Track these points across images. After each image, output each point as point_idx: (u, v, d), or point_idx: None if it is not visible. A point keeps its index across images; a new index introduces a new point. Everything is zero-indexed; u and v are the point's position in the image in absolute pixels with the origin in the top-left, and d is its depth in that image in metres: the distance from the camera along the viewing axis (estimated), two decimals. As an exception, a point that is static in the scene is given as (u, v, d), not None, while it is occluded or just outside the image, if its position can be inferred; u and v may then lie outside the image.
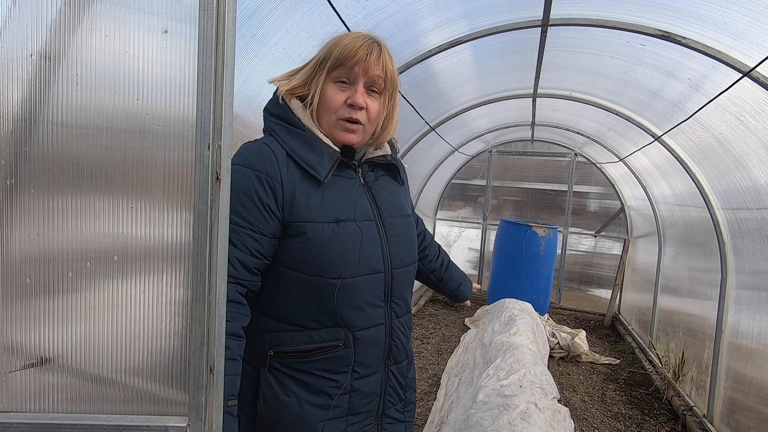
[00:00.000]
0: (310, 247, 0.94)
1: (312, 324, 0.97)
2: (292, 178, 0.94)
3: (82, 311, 0.66)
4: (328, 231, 0.94)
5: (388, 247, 1.03)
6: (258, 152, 0.94)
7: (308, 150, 0.96)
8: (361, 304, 0.99)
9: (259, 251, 0.93)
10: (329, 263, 0.94)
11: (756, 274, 2.55)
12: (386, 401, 1.08)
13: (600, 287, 5.46)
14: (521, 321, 3.57)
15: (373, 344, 1.02)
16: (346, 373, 0.99)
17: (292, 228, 0.94)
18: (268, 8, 1.64)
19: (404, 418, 1.14)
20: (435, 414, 2.86)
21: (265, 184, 0.92)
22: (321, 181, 0.95)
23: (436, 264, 1.40)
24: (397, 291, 1.05)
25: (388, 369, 1.07)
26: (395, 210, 1.08)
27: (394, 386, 1.09)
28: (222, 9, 0.61)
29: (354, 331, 0.99)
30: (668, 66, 2.50)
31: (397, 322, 1.07)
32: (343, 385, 1.00)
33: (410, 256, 1.11)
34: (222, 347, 0.67)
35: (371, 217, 1.01)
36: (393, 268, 1.04)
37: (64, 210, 0.64)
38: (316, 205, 0.95)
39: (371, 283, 1.00)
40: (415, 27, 2.38)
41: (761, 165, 2.30)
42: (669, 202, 3.91)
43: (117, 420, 0.66)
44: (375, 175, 1.09)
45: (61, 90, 0.63)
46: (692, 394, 3.19)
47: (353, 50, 0.95)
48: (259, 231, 0.92)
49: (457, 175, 5.98)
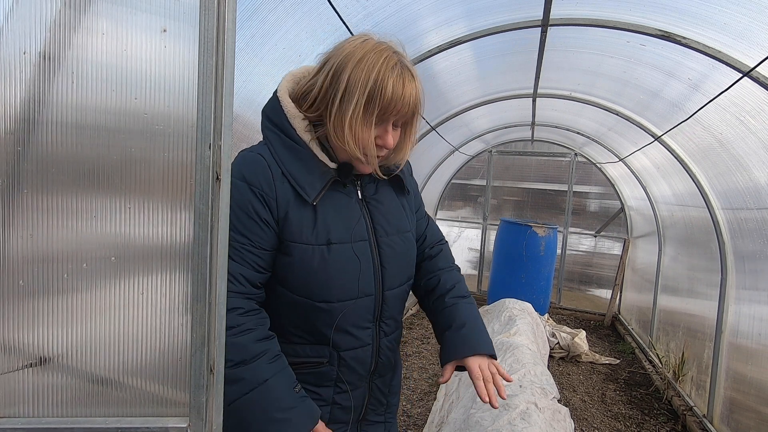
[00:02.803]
0: (298, 269, 0.91)
1: (296, 339, 0.97)
2: (286, 195, 0.90)
3: (80, 313, 0.65)
4: (317, 254, 0.91)
5: (381, 269, 0.98)
6: (252, 164, 0.90)
7: (300, 167, 0.92)
8: (348, 327, 0.96)
9: (262, 266, 0.91)
10: (316, 287, 0.92)
11: (756, 274, 2.55)
12: (368, 409, 1.06)
13: (600, 287, 5.46)
14: (521, 321, 3.56)
15: (358, 363, 0.99)
16: (329, 387, 0.98)
17: (283, 245, 0.92)
18: (268, 8, 1.63)
19: (385, 419, 1.12)
20: (435, 414, 2.85)
21: (261, 199, 0.88)
22: (308, 202, 0.91)
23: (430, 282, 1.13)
24: (387, 312, 1.01)
25: (372, 382, 1.05)
26: (392, 227, 1.02)
27: (377, 396, 1.07)
28: (222, 9, 0.60)
29: (339, 352, 0.97)
30: (668, 66, 2.50)
31: (386, 341, 1.03)
32: (325, 398, 0.98)
33: (404, 275, 1.04)
34: (222, 347, 0.66)
35: (365, 237, 0.97)
36: (385, 290, 0.99)
37: (59, 210, 0.64)
38: (308, 224, 0.91)
39: (360, 306, 0.96)
40: (415, 27, 2.38)
41: (761, 165, 2.30)
42: (669, 202, 3.91)
43: (116, 422, 0.66)
44: (375, 186, 1.03)
45: (59, 89, 0.62)
46: (692, 394, 3.19)
47: (399, 98, 0.88)
48: (260, 246, 0.89)
49: (457, 175, 5.98)
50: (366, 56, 0.87)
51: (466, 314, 1.05)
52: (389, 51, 0.90)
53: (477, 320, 1.05)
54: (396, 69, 0.88)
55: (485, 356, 1.01)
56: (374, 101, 0.87)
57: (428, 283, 1.13)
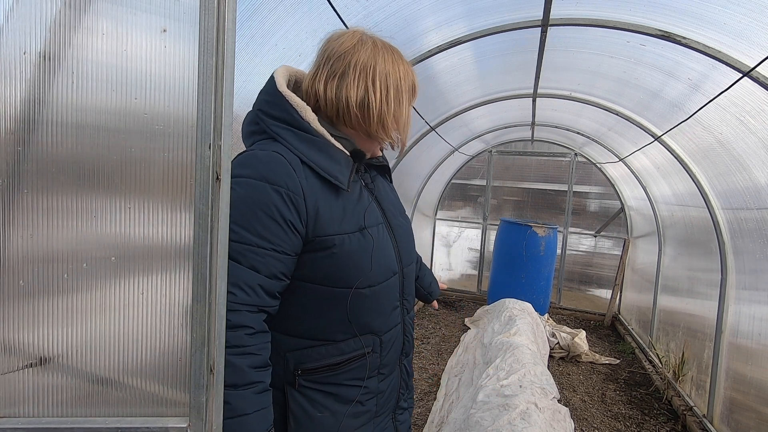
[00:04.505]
0: (338, 259, 0.90)
1: (340, 336, 0.95)
2: (312, 189, 0.87)
3: (80, 313, 0.65)
4: (354, 241, 0.92)
5: (398, 248, 1.03)
6: (272, 163, 0.85)
7: (324, 157, 0.90)
8: (385, 308, 1.00)
9: (283, 272, 0.87)
10: (357, 273, 0.92)
11: (756, 274, 2.55)
12: (400, 394, 1.11)
13: (600, 287, 5.46)
14: (521, 321, 3.56)
15: (394, 345, 1.04)
16: (374, 377, 1.00)
17: (317, 242, 0.88)
18: (268, 8, 1.63)
19: (408, 405, 1.16)
20: (435, 414, 2.85)
21: (287, 199, 0.84)
22: (343, 189, 0.91)
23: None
24: (407, 288, 1.07)
25: (401, 363, 1.10)
26: (396, 210, 1.09)
27: (405, 378, 1.12)
28: (222, 9, 0.60)
29: (380, 336, 0.99)
30: (668, 66, 2.50)
31: (408, 318, 1.09)
32: (372, 390, 1.01)
33: (414, 253, 1.14)
34: (222, 347, 0.66)
35: (380, 220, 1.01)
36: (404, 267, 1.05)
37: (59, 210, 0.64)
38: (339, 215, 0.91)
39: (391, 286, 1.00)
40: (415, 27, 2.38)
41: (761, 165, 2.30)
42: (669, 202, 3.91)
43: (115, 422, 0.66)
44: (371, 176, 1.08)
45: (59, 89, 0.62)
46: (692, 394, 3.19)
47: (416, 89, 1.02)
48: (282, 251, 0.85)
49: (457, 175, 5.98)
50: (379, 50, 0.96)
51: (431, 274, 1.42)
52: (386, 42, 1.00)
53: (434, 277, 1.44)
54: (410, 65, 1.02)
55: None
56: (413, 91, 1.01)
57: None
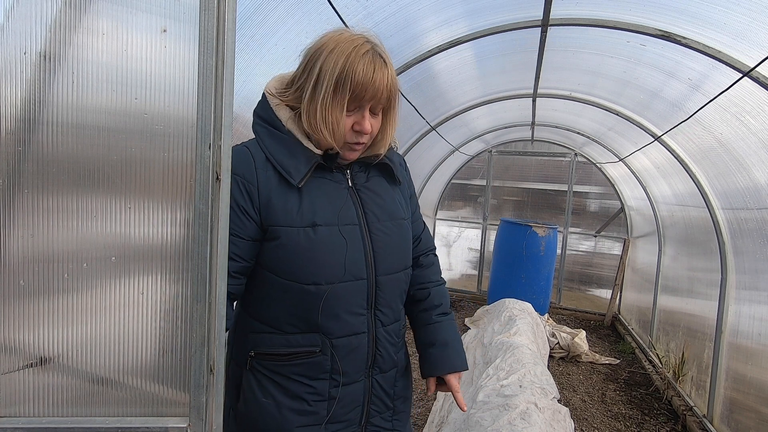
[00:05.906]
0: (285, 251, 0.93)
1: (289, 328, 0.97)
2: (269, 182, 0.93)
3: (80, 313, 0.65)
4: (302, 236, 0.93)
5: (373, 254, 1.00)
6: (237, 155, 0.94)
7: (285, 153, 0.95)
8: (339, 312, 0.97)
9: (236, 253, 0.92)
10: (304, 269, 0.94)
11: (756, 274, 2.55)
12: (371, 410, 1.05)
13: (600, 287, 5.46)
14: (521, 321, 3.56)
15: (352, 352, 0.99)
16: (324, 380, 0.98)
17: (269, 232, 0.94)
18: (268, 8, 1.63)
19: (393, 426, 1.10)
20: (435, 414, 2.85)
21: (241, 187, 0.92)
22: (294, 185, 0.94)
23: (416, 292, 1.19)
24: (382, 298, 1.02)
25: (372, 378, 1.04)
26: (384, 214, 1.04)
27: (380, 395, 1.06)
28: (222, 9, 0.60)
29: (331, 338, 0.97)
30: (668, 66, 2.50)
31: (383, 331, 1.04)
32: (321, 392, 0.99)
33: (400, 262, 1.06)
34: (222, 347, 0.66)
35: (355, 221, 0.99)
36: (378, 275, 1.00)
37: (59, 210, 0.64)
38: (293, 208, 0.94)
39: (351, 291, 0.97)
40: (415, 27, 2.38)
41: (761, 165, 2.30)
42: (669, 202, 3.91)
43: (116, 422, 0.66)
44: (366, 175, 1.06)
45: (59, 89, 0.62)
46: (692, 394, 3.19)
47: (368, 82, 0.90)
48: (235, 234, 0.91)
49: (457, 175, 5.98)
50: (338, 45, 0.91)
51: (449, 333, 1.17)
52: (362, 40, 0.94)
53: (457, 339, 1.18)
54: (367, 56, 0.92)
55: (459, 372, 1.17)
56: (344, 86, 0.90)
57: (418, 293, 1.20)
